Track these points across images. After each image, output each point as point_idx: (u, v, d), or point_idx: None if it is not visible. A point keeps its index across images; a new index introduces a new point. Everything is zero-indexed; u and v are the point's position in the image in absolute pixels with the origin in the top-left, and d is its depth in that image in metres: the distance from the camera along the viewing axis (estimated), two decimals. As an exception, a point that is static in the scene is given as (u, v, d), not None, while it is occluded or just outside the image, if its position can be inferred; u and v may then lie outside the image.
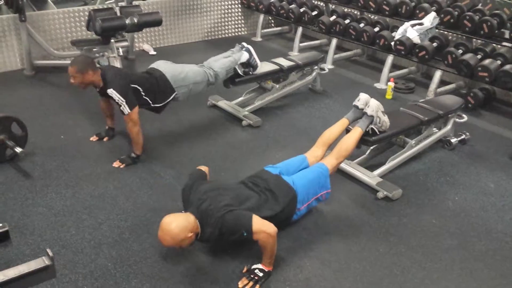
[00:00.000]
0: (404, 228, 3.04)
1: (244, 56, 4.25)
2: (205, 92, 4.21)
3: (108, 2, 7.33)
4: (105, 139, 3.99)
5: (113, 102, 3.55)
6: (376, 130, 3.28)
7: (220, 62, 4.11)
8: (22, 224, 2.96)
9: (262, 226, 2.46)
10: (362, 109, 3.26)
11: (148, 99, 3.66)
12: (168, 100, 3.80)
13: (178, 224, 2.41)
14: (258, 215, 2.52)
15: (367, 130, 3.25)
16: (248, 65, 4.29)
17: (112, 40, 5.00)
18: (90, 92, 5.00)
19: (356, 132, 3.20)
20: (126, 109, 3.45)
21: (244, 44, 4.36)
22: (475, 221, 3.13)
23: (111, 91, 3.44)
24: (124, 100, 3.44)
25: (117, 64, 4.89)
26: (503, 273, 2.69)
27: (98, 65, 4.91)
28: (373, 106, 3.23)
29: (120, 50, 5.08)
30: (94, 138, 4.00)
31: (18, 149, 3.49)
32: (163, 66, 3.86)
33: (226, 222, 2.45)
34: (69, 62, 5.50)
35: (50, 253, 1.76)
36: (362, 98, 3.28)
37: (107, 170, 3.57)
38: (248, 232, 2.43)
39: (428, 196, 3.39)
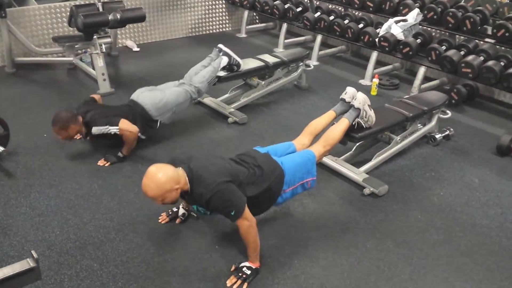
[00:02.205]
0: (390, 224, 3.06)
1: (224, 61, 4.22)
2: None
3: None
4: (89, 137, 3.93)
5: (105, 138, 3.55)
6: (363, 124, 3.29)
7: (200, 75, 4.06)
8: (6, 224, 2.91)
9: (248, 215, 2.47)
10: (349, 102, 3.27)
11: None
12: (154, 129, 3.81)
13: (165, 172, 2.36)
14: (247, 190, 2.53)
15: (353, 124, 3.26)
16: (230, 66, 4.26)
17: (95, 37, 4.93)
18: (73, 89, 4.96)
19: (343, 123, 3.21)
20: (114, 129, 3.45)
21: (221, 47, 4.31)
22: (460, 216, 3.16)
23: (94, 130, 3.46)
24: (106, 125, 3.44)
25: (100, 60, 4.82)
26: (488, 268, 2.72)
27: (81, 62, 4.83)
28: (360, 99, 3.25)
29: (103, 46, 5.01)
30: (78, 137, 3.92)
31: (0, 148, 3.43)
32: (143, 97, 3.78)
33: (221, 193, 2.40)
34: (50, 58, 5.51)
35: (35, 255, 1.72)
36: (349, 92, 3.29)
37: (91, 168, 3.53)
38: (237, 214, 2.41)
39: (414, 191, 3.41)
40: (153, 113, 3.72)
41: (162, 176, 2.34)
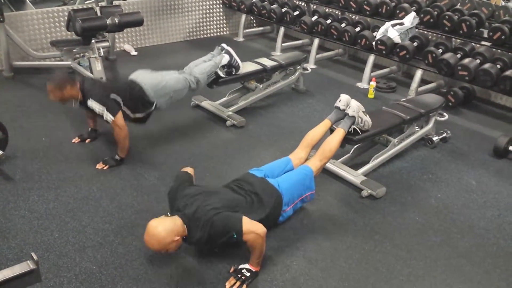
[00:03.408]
0: (388, 226, 3.07)
1: (225, 59, 4.23)
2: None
3: (88, 2, 7.25)
4: (87, 141, 3.94)
5: (96, 114, 3.53)
6: (358, 130, 3.31)
7: (201, 67, 4.08)
8: (5, 228, 2.91)
9: (251, 227, 2.46)
10: (344, 110, 3.29)
11: (128, 110, 3.63)
12: (149, 111, 3.78)
13: (165, 227, 2.38)
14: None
15: (349, 130, 3.29)
16: (230, 66, 4.27)
17: (93, 41, 4.94)
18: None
19: (339, 133, 3.23)
20: (109, 116, 3.42)
21: (224, 45, 4.34)
22: (458, 218, 3.18)
23: (90, 102, 3.44)
24: (104, 108, 3.42)
25: (98, 64, 4.83)
26: (486, 269, 2.73)
27: (79, 66, 4.85)
28: (354, 107, 3.27)
29: (101, 50, 5.02)
30: (76, 140, 3.94)
31: (-1, 152, 3.43)
32: (142, 77, 3.78)
33: (215, 224, 2.44)
34: (48, 63, 5.51)
35: (35, 257, 1.73)
36: (343, 99, 3.31)
37: (90, 172, 3.53)
38: (238, 233, 2.43)
39: (412, 193, 3.43)
40: (150, 94, 3.69)
41: (161, 231, 2.36)
